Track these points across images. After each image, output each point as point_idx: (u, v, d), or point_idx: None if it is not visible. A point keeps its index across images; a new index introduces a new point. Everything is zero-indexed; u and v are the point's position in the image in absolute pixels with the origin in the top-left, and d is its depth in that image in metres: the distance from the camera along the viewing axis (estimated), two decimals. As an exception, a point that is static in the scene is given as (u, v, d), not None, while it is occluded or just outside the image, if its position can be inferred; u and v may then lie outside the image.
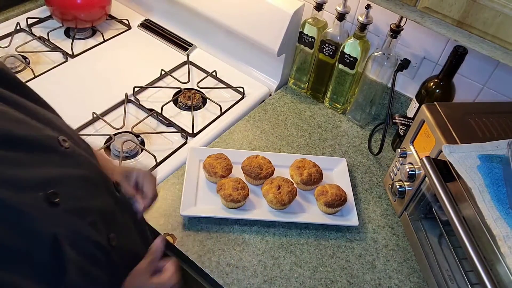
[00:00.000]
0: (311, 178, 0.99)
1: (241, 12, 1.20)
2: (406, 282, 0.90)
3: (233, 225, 0.95)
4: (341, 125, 1.22)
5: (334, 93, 1.23)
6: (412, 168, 0.93)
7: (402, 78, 1.17)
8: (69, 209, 0.51)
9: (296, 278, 0.88)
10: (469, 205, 0.74)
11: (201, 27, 1.36)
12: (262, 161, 1.01)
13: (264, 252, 0.92)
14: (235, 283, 0.86)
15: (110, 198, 0.63)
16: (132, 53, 1.37)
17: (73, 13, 1.33)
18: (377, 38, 1.15)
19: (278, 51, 1.18)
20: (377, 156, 1.14)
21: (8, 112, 0.50)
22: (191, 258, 0.89)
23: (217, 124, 1.18)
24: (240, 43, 1.29)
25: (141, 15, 1.50)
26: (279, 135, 1.17)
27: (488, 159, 0.77)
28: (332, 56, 1.17)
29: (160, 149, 1.10)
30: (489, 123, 0.87)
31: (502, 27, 0.66)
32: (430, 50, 1.08)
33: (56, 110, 0.69)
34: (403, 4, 0.76)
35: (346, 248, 0.94)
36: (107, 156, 1.00)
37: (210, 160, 1.00)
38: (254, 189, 1.01)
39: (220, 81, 1.31)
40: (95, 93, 1.22)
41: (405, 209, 0.97)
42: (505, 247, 0.66)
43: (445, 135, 0.84)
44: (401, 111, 1.21)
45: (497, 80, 1.02)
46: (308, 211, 0.99)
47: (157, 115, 1.17)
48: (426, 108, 0.90)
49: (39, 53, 1.32)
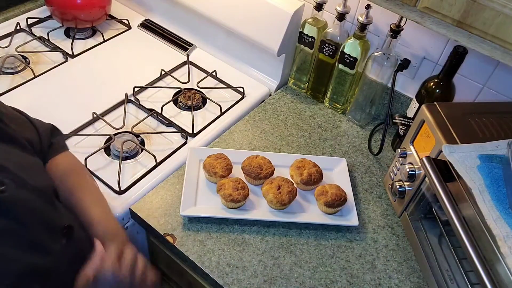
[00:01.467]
0: (311, 178, 0.99)
1: (241, 12, 1.20)
2: (406, 282, 0.90)
3: (233, 225, 0.95)
4: (341, 125, 1.22)
5: (334, 93, 1.23)
6: (412, 168, 0.93)
7: (402, 78, 1.17)
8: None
9: (296, 278, 0.88)
10: (469, 205, 0.74)
11: (201, 27, 1.36)
12: (262, 161, 1.01)
13: (264, 252, 0.92)
14: (235, 283, 0.86)
15: (54, 250, 0.55)
16: (132, 53, 1.37)
17: (73, 13, 1.33)
18: (377, 38, 1.15)
19: (278, 51, 1.18)
20: (377, 156, 1.14)
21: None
22: (191, 258, 0.89)
23: (217, 124, 1.18)
24: (240, 43, 1.29)
25: (141, 15, 1.50)
26: (279, 135, 1.17)
27: (488, 159, 0.77)
28: (332, 56, 1.17)
29: (160, 149, 1.10)
30: (489, 123, 0.87)
31: (502, 27, 0.66)
32: (430, 50, 1.08)
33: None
34: (403, 4, 0.76)
35: (346, 248, 0.94)
36: (113, 215, 0.85)
37: (210, 160, 1.00)
38: (254, 189, 1.01)
39: (220, 81, 1.31)
40: (95, 93, 1.22)
41: (405, 209, 0.97)
42: (505, 247, 0.66)
43: (445, 135, 0.84)
44: (401, 111, 1.21)
45: (497, 80, 1.02)
46: (308, 211, 0.99)
47: (157, 115, 1.17)
48: (426, 108, 0.90)
49: (39, 53, 1.32)
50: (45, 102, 1.16)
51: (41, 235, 0.54)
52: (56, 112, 1.14)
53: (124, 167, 1.05)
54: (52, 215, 0.58)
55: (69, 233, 0.59)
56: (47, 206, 0.57)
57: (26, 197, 0.53)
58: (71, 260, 0.59)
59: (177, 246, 0.90)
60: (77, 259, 0.61)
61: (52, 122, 0.87)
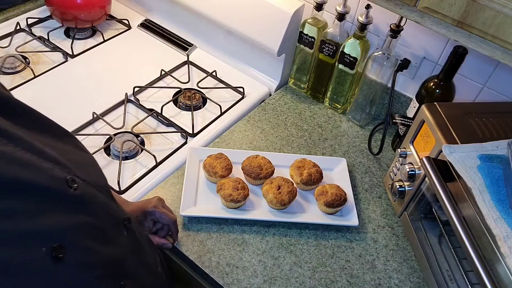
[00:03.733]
0: (311, 178, 0.99)
1: (241, 12, 1.20)
2: (406, 282, 0.90)
3: (233, 225, 0.95)
4: (341, 125, 1.22)
5: (334, 93, 1.23)
6: (412, 168, 0.93)
7: (402, 78, 1.17)
8: (74, 264, 0.46)
9: (296, 278, 0.88)
10: (469, 205, 0.74)
11: (201, 27, 1.36)
12: (262, 161, 1.01)
13: (264, 252, 0.92)
14: (235, 283, 0.86)
15: (120, 241, 0.58)
16: (132, 53, 1.37)
17: (73, 13, 1.33)
18: (377, 38, 1.15)
19: (278, 51, 1.18)
20: (377, 156, 1.14)
21: (13, 152, 0.44)
22: (191, 258, 0.89)
23: (217, 124, 1.18)
24: (240, 43, 1.29)
25: (141, 15, 1.50)
26: (279, 135, 1.17)
27: (488, 159, 0.77)
28: (332, 56, 1.17)
29: (160, 149, 1.10)
30: (489, 123, 0.87)
31: (502, 27, 0.66)
32: (430, 50, 1.08)
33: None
34: (403, 4, 0.76)
35: (346, 248, 0.94)
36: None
37: (210, 160, 1.00)
38: (254, 189, 1.01)
39: (220, 81, 1.31)
40: (95, 93, 1.22)
41: (405, 209, 0.97)
42: (505, 247, 0.66)
43: (445, 135, 0.84)
44: (401, 111, 1.21)
45: (497, 80, 1.02)
46: (308, 211, 0.99)
47: (157, 115, 1.17)
48: (426, 108, 0.90)
49: (39, 53, 1.32)
50: (45, 102, 1.16)
51: (111, 228, 0.57)
52: (56, 112, 1.13)
53: (124, 167, 1.05)
54: (114, 209, 0.60)
55: (128, 225, 0.62)
56: (108, 200, 0.59)
57: (93, 193, 0.54)
58: (134, 249, 0.62)
59: (177, 246, 0.90)
60: (137, 248, 0.64)
61: (52, 122, 0.88)
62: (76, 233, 0.48)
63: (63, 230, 0.46)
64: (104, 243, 0.53)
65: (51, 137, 0.55)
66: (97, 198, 0.55)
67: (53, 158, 0.50)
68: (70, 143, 0.59)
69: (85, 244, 0.49)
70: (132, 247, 0.62)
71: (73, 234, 0.48)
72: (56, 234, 0.45)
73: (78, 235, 0.48)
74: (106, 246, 0.53)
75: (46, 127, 0.56)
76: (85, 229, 0.50)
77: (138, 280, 0.61)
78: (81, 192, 0.51)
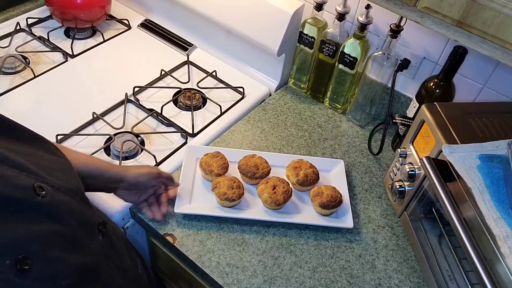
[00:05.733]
0: (307, 178, 0.99)
1: (241, 12, 1.20)
2: (406, 282, 0.90)
3: (233, 225, 0.95)
4: (341, 125, 1.22)
5: (334, 93, 1.23)
6: (412, 168, 0.93)
7: (402, 78, 1.17)
8: (41, 276, 0.44)
9: (296, 278, 0.88)
10: (469, 205, 0.74)
11: (201, 27, 1.36)
12: (258, 160, 1.01)
13: (264, 252, 0.92)
14: (235, 283, 0.86)
15: (93, 248, 0.56)
16: (132, 53, 1.37)
17: (73, 13, 1.33)
18: (377, 38, 1.15)
19: (278, 51, 1.18)
20: (377, 156, 1.14)
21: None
22: (191, 258, 0.89)
23: (217, 124, 1.18)
24: (240, 43, 1.29)
25: (141, 15, 1.50)
26: (279, 135, 1.17)
27: (488, 159, 0.77)
28: (332, 56, 1.17)
29: (160, 149, 1.10)
30: (489, 123, 0.87)
31: (502, 27, 0.66)
32: (430, 50, 1.08)
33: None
34: (403, 4, 0.76)
35: (346, 248, 0.94)
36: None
37: (206, 159, 1.00)
38: (249, 189, 1.01)
39: (220, 81, 1.31)
40: (95, 93, 1.22)
41: (405, 209, 0.97)
42: (505, 247, 0.66)
43: (445, 135, 0.84)
44: (401, 111, 1.21)
45: (497, 80, 1.02)
46: (303, 212, 0.98)
47: (157, 115, 1.17)
48: (426, 108, 0.90)
49: (39, 53, 1.32)
50: (45, 102, 1.16)
51: (82, 235, 0.54)
52: (56, 112, 1.14)
53: (124, 167, 1.05)
54: (87, 214, 0.58)
55: (103, 229, 0.60)
56: (81, 205, 0.57)
57: (64, 199, 0.53)
58: (107, 254, 0.60)
59: (177, 246, 0.90)
60: (111, 253, 0.62)
61: (52, 122, 0.87)
62: (43, 243, 0.46)
63: (29, 240, 0.44)
64: (74, 252, 0.51)
65: (18, 142, 0.53)
66: (67, 204, 0.53)
67: (19, 165, 0.48)
68: (41, 148, 0.57)
69: (52, 254, 0.47)
70: (106, 252, 0.60)
71: (39, 244, 0.46)
72: (20, 245, 0.43)
73: (45, 244, 0.46)
74: (75, 255, 0.51)
75: (12, 131, 0.54)
76: (53, 238, 0.48)
77: (113, 286, 0.59)
78: (49, 200, 0.49)
